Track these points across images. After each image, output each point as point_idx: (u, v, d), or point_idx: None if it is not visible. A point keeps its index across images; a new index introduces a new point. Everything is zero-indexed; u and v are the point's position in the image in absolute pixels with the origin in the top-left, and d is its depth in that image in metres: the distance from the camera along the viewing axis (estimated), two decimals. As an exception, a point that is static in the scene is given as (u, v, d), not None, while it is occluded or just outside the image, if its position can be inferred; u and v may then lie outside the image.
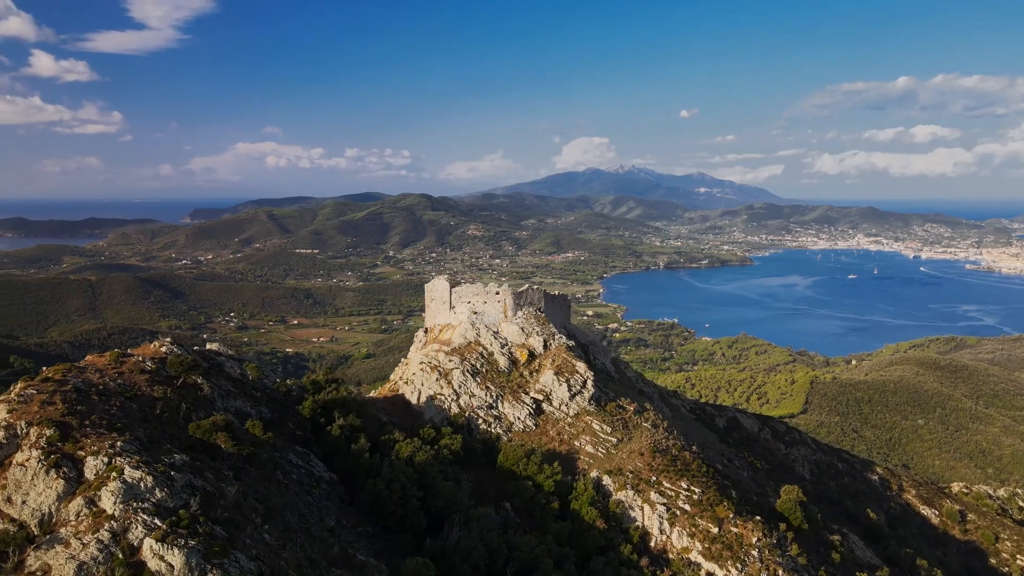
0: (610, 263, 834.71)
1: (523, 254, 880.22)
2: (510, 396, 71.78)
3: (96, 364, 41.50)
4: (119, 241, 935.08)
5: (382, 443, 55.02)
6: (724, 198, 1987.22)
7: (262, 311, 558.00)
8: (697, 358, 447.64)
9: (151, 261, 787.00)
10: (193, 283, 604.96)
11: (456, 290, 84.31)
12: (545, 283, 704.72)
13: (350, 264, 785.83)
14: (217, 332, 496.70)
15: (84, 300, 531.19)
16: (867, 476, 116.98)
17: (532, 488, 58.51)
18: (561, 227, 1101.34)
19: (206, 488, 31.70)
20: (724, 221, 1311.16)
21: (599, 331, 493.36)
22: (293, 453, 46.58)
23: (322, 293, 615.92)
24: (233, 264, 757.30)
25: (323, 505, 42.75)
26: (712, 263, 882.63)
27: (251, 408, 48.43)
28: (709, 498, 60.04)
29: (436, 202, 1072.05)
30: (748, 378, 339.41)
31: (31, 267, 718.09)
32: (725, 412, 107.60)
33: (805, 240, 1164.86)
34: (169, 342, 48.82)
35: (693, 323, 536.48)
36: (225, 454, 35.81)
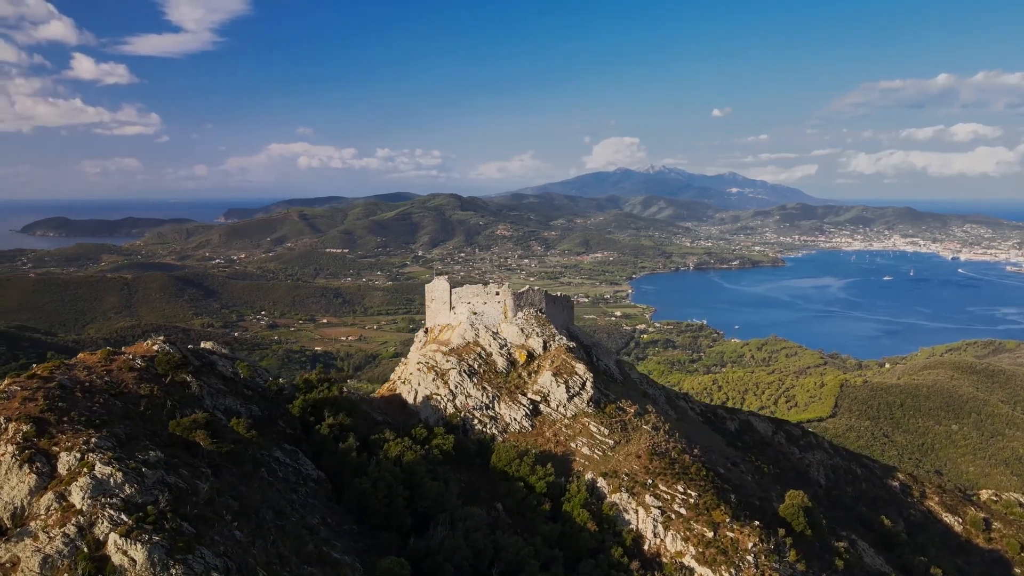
0: (639, 263, 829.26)
1: (552, 254, 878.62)
2: (507, 397, 71.67)
3: (86, 362, 42.41)
4: (155, 240, 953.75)
5: (372, 442, 55.25)
6: (756, 198, 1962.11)
7: (292, 310, 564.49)
8: (726, 360, 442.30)
9: (186, 260, 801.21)
10: (226, 282, 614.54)
11: (456, 291, 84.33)
12: (573, 283, 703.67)
13: (379, 264, 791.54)
14: (248, 330, 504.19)
15: (120, 298, 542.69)
16: (887, 482, 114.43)
17: (524, 489, 58.35)
18: (590, 227, 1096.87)
19: (179, 485, 32.26)
20: (756, 221, 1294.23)
21: (627, 332, 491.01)
22: (281, 451, 47.05)
23: (351, 292, 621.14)
24: (265, 263, 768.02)
25: (308, 503, 43.13)
26: (743, 264, 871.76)
27: (241, 406, 49.08)
28: (706, 502, 59.27)
29: (465, 202, 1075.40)
30: (776, 381, 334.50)
31: (71, 265, 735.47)
32: (738, 415, 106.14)
33: (839, 241, 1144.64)
34: (161, 340, 49.68)
35: (722, 324, 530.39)
36: (204, 451, 36.35)
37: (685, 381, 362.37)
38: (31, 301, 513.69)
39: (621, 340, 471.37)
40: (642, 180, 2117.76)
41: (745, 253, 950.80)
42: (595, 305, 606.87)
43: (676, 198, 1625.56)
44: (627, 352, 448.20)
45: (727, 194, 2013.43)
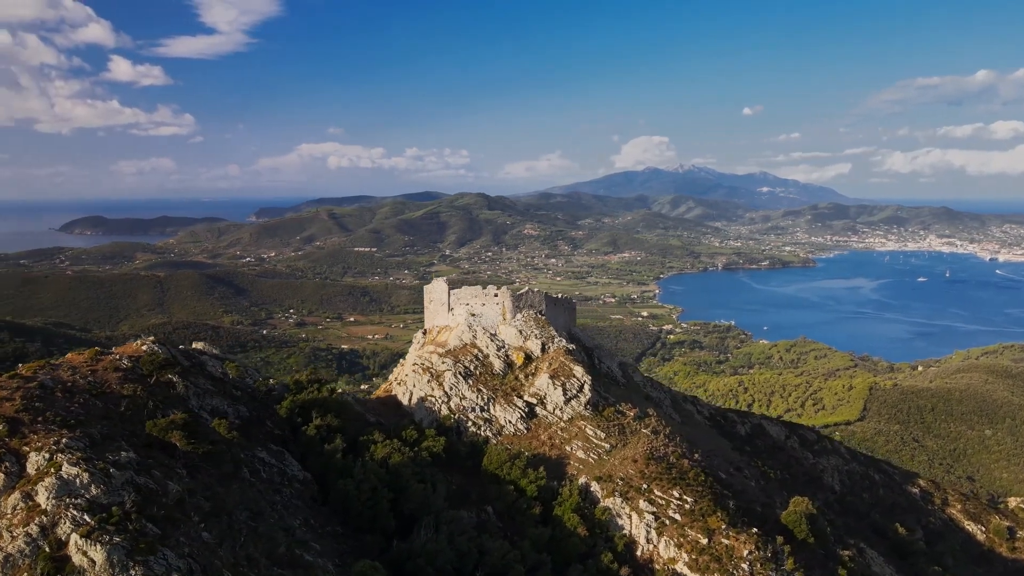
0: (667, 263, 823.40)
1: (579, 254, 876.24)
2: (502, 399, 71.28)
3: (72, 361, 43.11)
4: (188, 239, 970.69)
5: (360, 444, 55.28)
6: (787, 198, 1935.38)
7: (320, 308, 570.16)
8: (753, 361, 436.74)
9: (217, 258, 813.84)
10: (255, 280, 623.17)
11: (455, 292, 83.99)
12: (600, 283, 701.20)
13: (407, 262, 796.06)
14: (277, 328, 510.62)
15: (153, 295, 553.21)
16: (907, 489, 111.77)
17: (514, 492, 57.92)
18: (618, 227, 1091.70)
19: (148, 486, 32.55)
20: (786, 221, 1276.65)
21: (653, 332, 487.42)
22: (267, 451, 47.30)
23: (378, 291, 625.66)
24: (294, 262, 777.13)
25: (292, 504, 43.34)
26: (773, 264, 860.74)
27: (228, 406, 49.46)
28: (702, 508, 58.32)
29: (493, 201, 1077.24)
30: (804, 383, 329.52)
31: (107, 263, 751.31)
32: (749, 419, 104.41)
33: (872, 241, 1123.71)
34: (151, 341, 50.31)
35: (750, 325, 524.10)
36: (181, 452, 36.62)
37: (711, 382, 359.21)
38: (68, 298, 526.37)
39: (647, 340, 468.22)
40: (671, 179, 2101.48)
41: (775, 253, 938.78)
42: (622, 305, 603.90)
43: (705, 198, 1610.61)
44: (653, 353, 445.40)
45: (757, 194, 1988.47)
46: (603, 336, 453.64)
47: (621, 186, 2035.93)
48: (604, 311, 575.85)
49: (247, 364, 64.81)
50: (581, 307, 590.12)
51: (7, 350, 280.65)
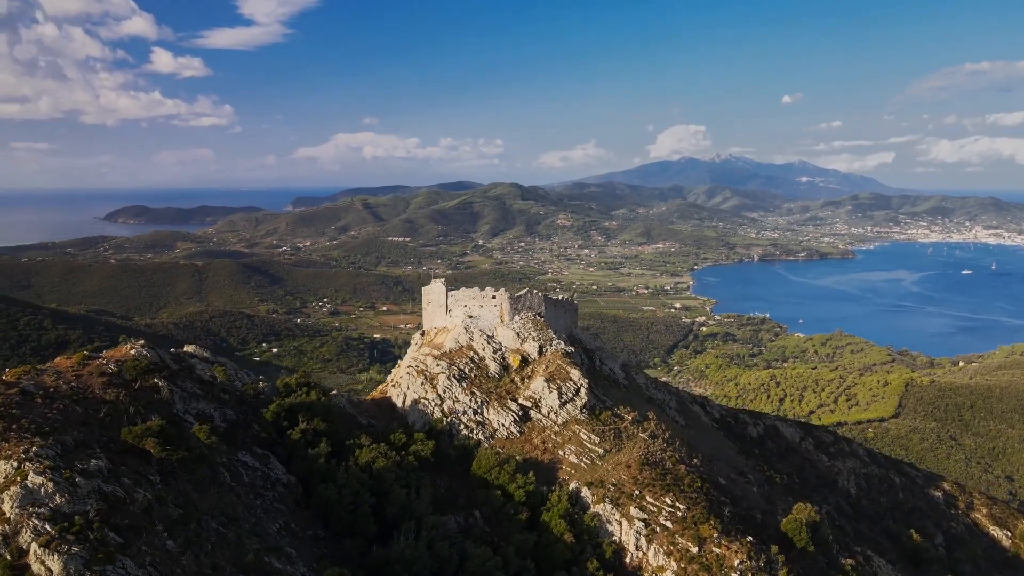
0: (702, 255, 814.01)
1: (612, 244, 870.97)
2: (496, 402, 70.90)
3: (59, 366, 44.00)
4: (226, 228, 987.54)
5: (347, 448, 55.47)
6: (827, 187, 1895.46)
7: (353, 297, 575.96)
8: (787, 355, 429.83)
9: (254, 247, 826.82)
10: (291, 269, 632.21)
11: (453, 293, 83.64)
12: (634, 274, 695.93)
13: (440, 252, 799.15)
14: (311, 316, 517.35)
15: (192, 284, 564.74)
16: (929, 492, 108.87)
17: (501, 497, 57.60)
18: (652, 217, 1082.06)
19: (116, 494, 33.07)
20: (826, 212, 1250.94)
21: (685, 324, 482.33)
22: (251, 455, 47.72)
23: (411, 280, 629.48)
24: (329, 251, 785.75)
25: (273, 507, 43.66)
26: (810, 256, 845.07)
27: (214, 410, 49.99)
28: (694, 515, 57.39)
29: (526, 191, 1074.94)
30: (837, 378, 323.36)
31: (148, 252, 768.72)
32: (763, 420, 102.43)
33: (915, 232, 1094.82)
34: (140, 345, 51.03)
35: (786, 318, 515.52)
36: (156, 459, 37.12)
37: (742, 376, 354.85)
38: (110, 286, 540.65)
39: (679, 333, 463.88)
40: (707, 169, 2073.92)
41: (813, 245, 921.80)
42: (655, 296, 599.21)
43: (742, 188, 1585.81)
44: (684, 345, 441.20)
45: (796, 183, 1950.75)
46: (634, 328, 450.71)
47: (656, 176, 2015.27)
48: (636, 302, 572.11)
49: (238, 366, 65.41)
50: (613, 298, 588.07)
51: (50, 337, 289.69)
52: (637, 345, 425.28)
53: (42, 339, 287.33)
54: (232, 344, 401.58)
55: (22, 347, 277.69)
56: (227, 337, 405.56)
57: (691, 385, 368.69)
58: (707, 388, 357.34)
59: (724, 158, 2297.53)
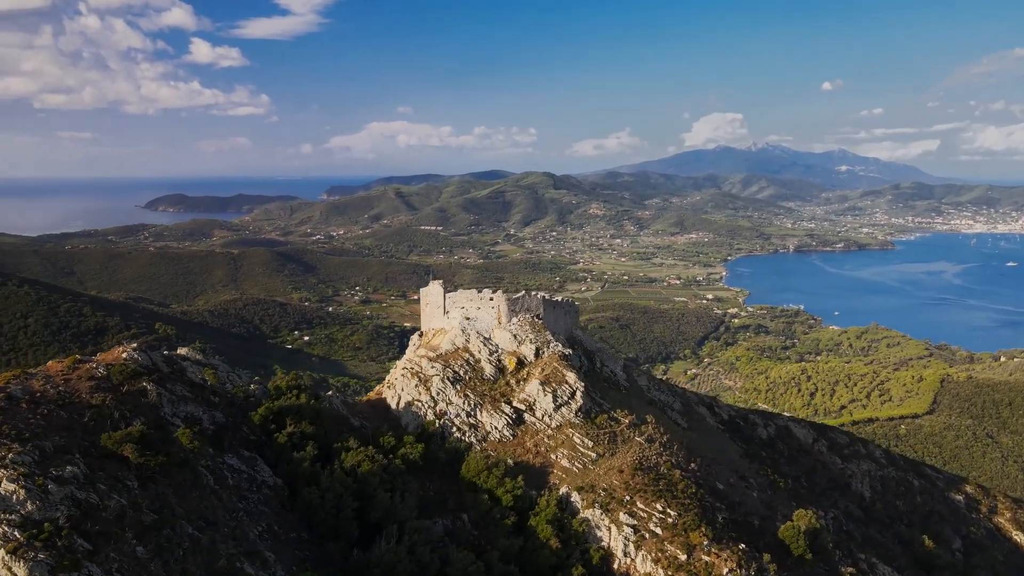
0: (735, 245, 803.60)
1: (645, 234, 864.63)
2: (489, 405, 70.78)
3: (48, 370, 44.92)
4: (262, 216, 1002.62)
5: (334, 451, 55.89)
6: (867, 176, 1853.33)
7: (385, 285, 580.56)
8: (821, 348, 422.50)
9: (289, 235, 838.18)
10: (323, 257, 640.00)
11: (450, 295, 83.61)
12: (666, 264, 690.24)
13: (471, 241, 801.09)
14: (343, 304, 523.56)
15: (227, 272, 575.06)
16: (949, 495, 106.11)
17: (488, 501, 57.46)
18: (686, 207, 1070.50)
19: (90, 500, 33.70)
20: (865, 202, 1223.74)
21: (717, 316, 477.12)
22: (238, 458, 48.27)
23: (442, 269, 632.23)
24: (361, 239, 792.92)
25: (257, 510, 44.12)
26: (848, 247, 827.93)
27: (203, 413, 50.62)
28: (685, 522, 56.68)
29: (559, 180, 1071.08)
30: (871, 373, 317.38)
31: (186, 240, 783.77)
32: (775, 420, 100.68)
33: (959, 223, 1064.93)
34: (132, 348, 51.88)
35: (821, 310, 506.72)
36: (134, 464, 37.73)
37: (772, 369, 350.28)
38: (149, 273, 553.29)
39: (710, 324, 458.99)
40: (743, 158, 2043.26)
41: (851, 235, 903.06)
42: (687, 287, 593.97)
43: (779, 177, 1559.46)
44: (716, 337, 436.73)
45: (835, 172, 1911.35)
46: (665, 319, 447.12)
47: (690, 165, 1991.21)
48: (668, 293, 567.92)
49: (231, 368, 66.29)
50: (644, 288, 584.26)
51: (89, 324, 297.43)
52: (667, 336, 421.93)
53: (81, 325, 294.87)
54: (265, 332, 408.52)
55: (63, 333, 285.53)
56: (260, 325, 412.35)
57: (721, 377, 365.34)
58: (737, 381, 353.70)
59: (761, 147, 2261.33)
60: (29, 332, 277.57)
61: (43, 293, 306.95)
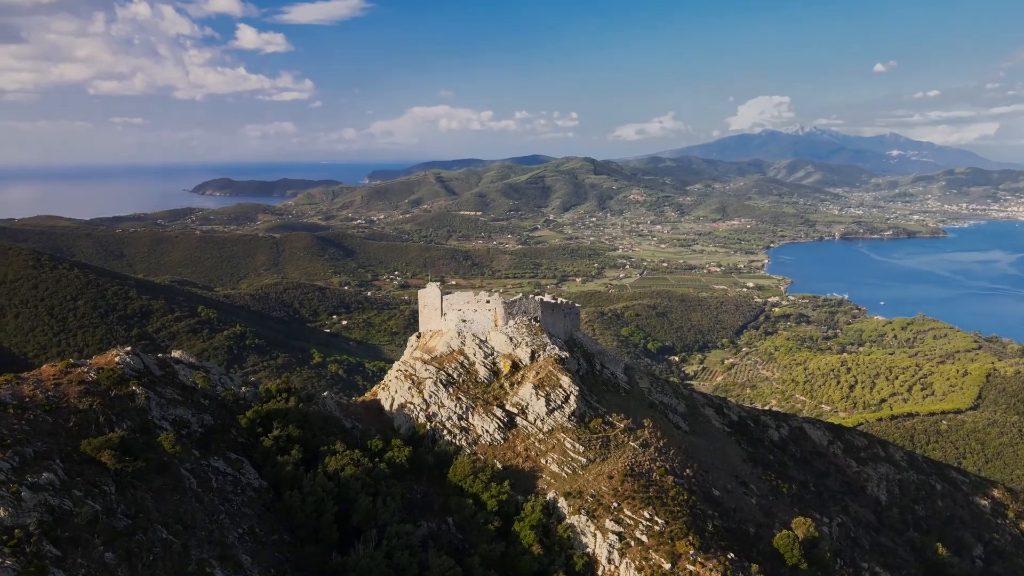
0: (779, 232, 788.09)
1: (685, 220, 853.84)
2: (481, 408, 70.70)
3: (42, 374, 46.26)
4: (305, 201, 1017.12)
5: (321, 454, 56.88)
6: (920, 162, 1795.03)
7: (423, 270, 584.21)
8: (864, 339, 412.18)
9: (330, 220, 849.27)
10: (363, 242, 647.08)
11: (447, 298, 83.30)
12: (706, 251, 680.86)
13: (510, 227, 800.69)
14: (381, 289, 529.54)
15: (270, 256, 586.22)
16: (974, 500, 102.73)
17: (473, 506, 57.53)
18: (729, 193, 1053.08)
19: (63, 506, 34.78)
20: (917, 188, 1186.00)
21: (757, 305, 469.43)
22: (224, 460, 49.22)
23: (480, 255, 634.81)
24: (401, 224, 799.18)
25: (240, 512, 45.01)
26: (897, 234, 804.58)
27: (192, 416, 51.62)
28: (672, 530, 56.13)
29: (599, 166, 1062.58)
30: (913, 366, 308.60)
31: (232, 224, 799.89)
32: (789, 422, 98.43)
33: (1016, 210, 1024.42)
34: (125, 352, 53.08)
35: (865, 300, 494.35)
36: (112, 470, 38.70)
37: (811, 360, 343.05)
38: (194, 256, 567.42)
39: (750, 313, 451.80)
40: (789, 142, 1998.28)
41: (900, 223, 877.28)
42: (727, 275, 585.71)
43: (826, 162, 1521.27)
44: (755, 326, 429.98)
45: (886, 157, 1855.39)
46: (703, 307, 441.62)
47: (735, 150, 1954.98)
48: (708, 280, 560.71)
49: (224, 370, 67.51)
50: (684, 276, 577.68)
51: (134, 307, 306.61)
52: (705, 325, 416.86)
53: (128, 308, 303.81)
54: (304, 315, 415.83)
55: (109, 316, 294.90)
56: (299, 309, 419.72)
57: (758, 368, 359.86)
58: (775, 371, 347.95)
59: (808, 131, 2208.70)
60: (78, 314, 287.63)
61: (92, 276, 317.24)
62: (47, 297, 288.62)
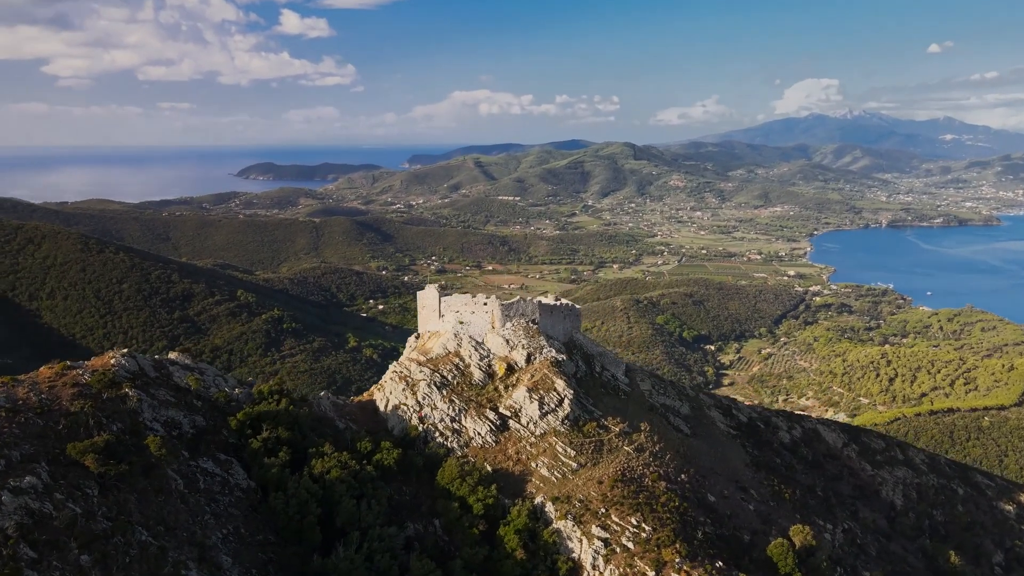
0: (823, 219, 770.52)
1: (726, 207, 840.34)
2: (474, 411, 70.80)
3: (38, 376, 47.79)
4: (345, 185, 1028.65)
5: (310, 455, 57.65)
6: (975, 146, 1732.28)
7: (460, 255, 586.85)
8: (908, 330, 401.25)
9: (369, 204, 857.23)
10: (401, 227, 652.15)
11: (445, 299, 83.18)
12: (747, 239, 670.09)
13: (548, 212, 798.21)
14: (419, 274, 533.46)
15: (309, 240, 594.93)
16: (998, 505, 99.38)
17: (458, 509, 57.95)
18: (772, 178, 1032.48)
19: (43, 509, 36.00)
20: (971, 173, 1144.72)
21: (797, 294, 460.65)
22: (213, 461, 50.40)
23: (518, 240, 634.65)
24: (439, 209, 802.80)
25: (227, 513, 46.08)
26: (947, 222, 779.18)
27: (184, 418, 52.89)
28: (659, 537, 55.70)
29: (639, 151, 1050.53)
30: (956, 359, 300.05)
31: (274, 208, 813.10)
32: (802, 423, 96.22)
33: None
34: (121, 354, 54.50)
35: (911, 290, 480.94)
36: (95, 473, 39.82)
37: (851, 352, 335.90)
38: (237, 240, 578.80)
39: (789, 302, 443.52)
40: (837, 127, 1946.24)
41: (951, 210, 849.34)
42: (767, 263, 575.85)
43: (875, 147, 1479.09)
44: (794, 315, 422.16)
45: (938, 142, 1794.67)
46: (740, 296, 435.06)
47: (779, 134, 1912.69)
48: (747, 269, 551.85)
49: (219, 371, 68.71)
50: (722, 263, 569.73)
51: (177, 290, 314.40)
52: (742, 314, 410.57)
53: (170, 292, 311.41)
54: (341, 299, 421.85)
55: (153, 299, 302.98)
56: (337, 293, 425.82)
57: (796, 358, 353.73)
58: (812, 362, 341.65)
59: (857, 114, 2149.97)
60: (123, 296, 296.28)
61: (136, 260, 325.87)
62: (94, 280, 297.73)
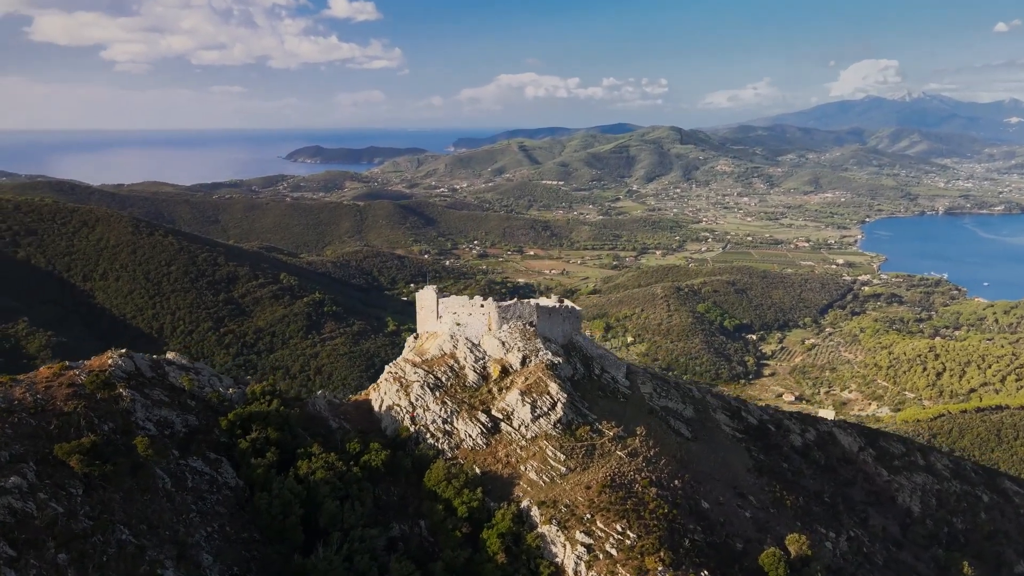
0: (876, 206, 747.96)
1: (775, 193, 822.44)
2: (466, 413, 70.84)
3: (35, 377, 49.51)
4: (390, 169, 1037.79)
5: (298, 455, 58.53)
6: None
7: (502, 240, 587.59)
8: (961, 322, 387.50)
9: (414, 188, 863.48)
10: (444, 211, 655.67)
11: (443, 300, 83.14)
12: (795, 225, 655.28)
13: (592, 197, 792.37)
14: (460, 258, 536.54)
15: (353, 223, 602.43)
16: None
17: (443, 511, 58.28)
18: (823, 163, 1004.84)
19: (25, 509, 37.33)
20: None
21: (845, 283, 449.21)
22: (203, 460, 51.69)
23: (560, 226, 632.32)
24: (482, 193, 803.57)
25: (214, 512, 47.29)
26: (1009, 209, 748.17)
27: (176, 417, 54.30)
28: (644, 545, 55.26)
29: (686, 135, 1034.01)
30: (1009, 354, 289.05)
31: (320, 190, 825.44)
32: (817, 426, 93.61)
33: None
34: (118, 355, 56.04)
35: (967, 280, 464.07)
36: (80, 473, 41.12)
37: (897, 344, 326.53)
38: (283, 223, 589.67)
39: (836, 292, 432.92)
40: (894, 110, 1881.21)
41: (1014, 197, 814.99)
42: (815, 251, 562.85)
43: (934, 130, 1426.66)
44: (841, 305, 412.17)
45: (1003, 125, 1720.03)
46: (785, 284, 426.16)
47: (833, 118, 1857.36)
48: (794, 256, 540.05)
49: (215, 371, 70.12)
50: (768, 251, 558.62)
51: (222, 273, 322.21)
52: (786, 303, 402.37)
53: (216, 274, 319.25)
54: (383, 283, 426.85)
55: (199, 281, 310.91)
56: (378, 276, 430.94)
57: (840, 349, 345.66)
58: (857, 354, 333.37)
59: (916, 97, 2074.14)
60: (171, 279, 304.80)
61: (184, 243, 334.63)
62: (144, 262, 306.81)
